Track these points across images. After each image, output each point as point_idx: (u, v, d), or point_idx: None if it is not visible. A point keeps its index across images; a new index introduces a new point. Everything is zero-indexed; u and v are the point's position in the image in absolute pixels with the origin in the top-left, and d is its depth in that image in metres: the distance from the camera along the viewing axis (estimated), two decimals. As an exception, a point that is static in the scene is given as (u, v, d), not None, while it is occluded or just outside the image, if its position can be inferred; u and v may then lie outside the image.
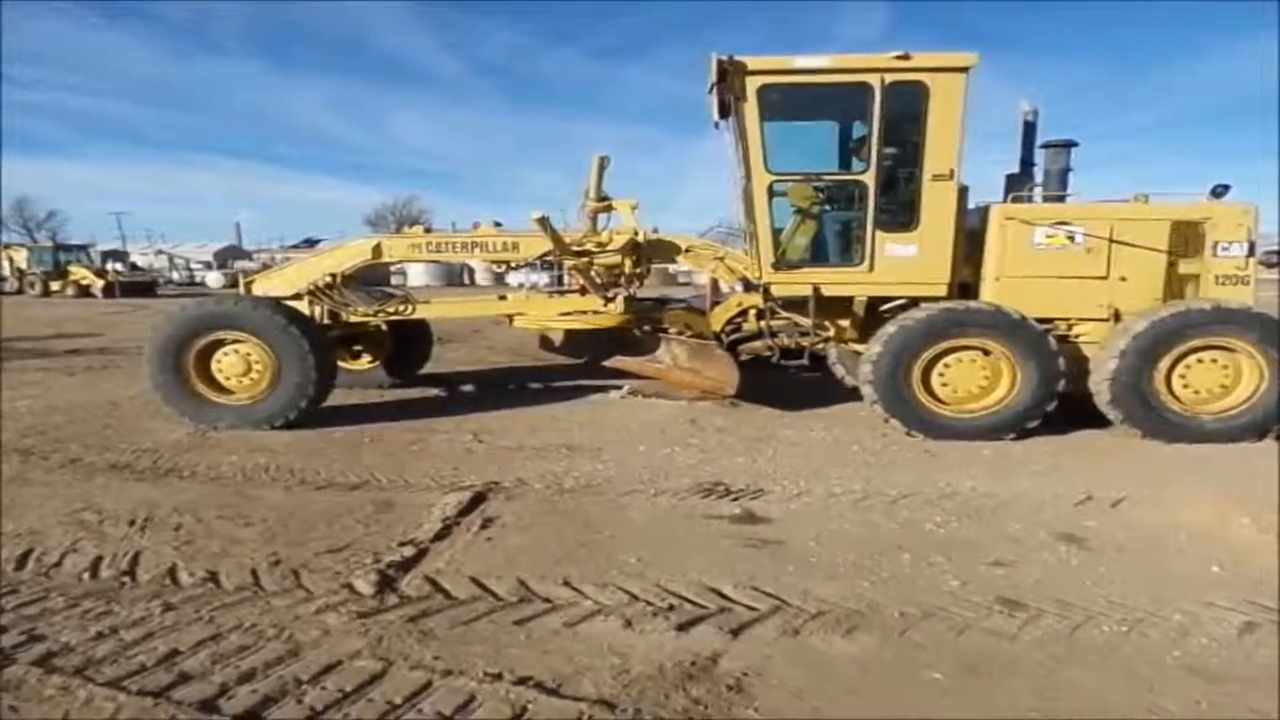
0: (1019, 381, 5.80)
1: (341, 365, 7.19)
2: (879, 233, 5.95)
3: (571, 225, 7.29)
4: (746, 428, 6.33)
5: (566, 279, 9.01)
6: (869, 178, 5.85)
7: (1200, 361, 5.69)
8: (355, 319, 6.98)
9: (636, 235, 6.77)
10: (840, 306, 6.55)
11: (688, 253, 7.16)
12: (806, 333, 6.60)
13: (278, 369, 6.15)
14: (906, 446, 5.73)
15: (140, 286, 31.72)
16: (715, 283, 8.45)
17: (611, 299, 6.78)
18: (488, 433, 6.21)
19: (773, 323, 6.87)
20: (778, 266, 6.22)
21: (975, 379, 5.92)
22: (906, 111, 5.72)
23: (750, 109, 5.81)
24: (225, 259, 61.45)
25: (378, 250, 6.96)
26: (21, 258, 34.13)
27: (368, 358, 8.06)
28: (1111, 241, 5.87)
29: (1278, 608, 3.08)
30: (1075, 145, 6.53)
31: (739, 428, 6.33)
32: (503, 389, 8.33)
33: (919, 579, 3.40)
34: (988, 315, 5.83)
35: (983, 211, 6.13)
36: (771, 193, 6.02)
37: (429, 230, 7.28)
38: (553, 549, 3.74)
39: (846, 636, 2.89)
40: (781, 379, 7.68)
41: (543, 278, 18.93)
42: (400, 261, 7.70)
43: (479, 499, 4.47)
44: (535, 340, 7.84)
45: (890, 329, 5.92)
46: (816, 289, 6.20)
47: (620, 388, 7.72)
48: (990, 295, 6.02)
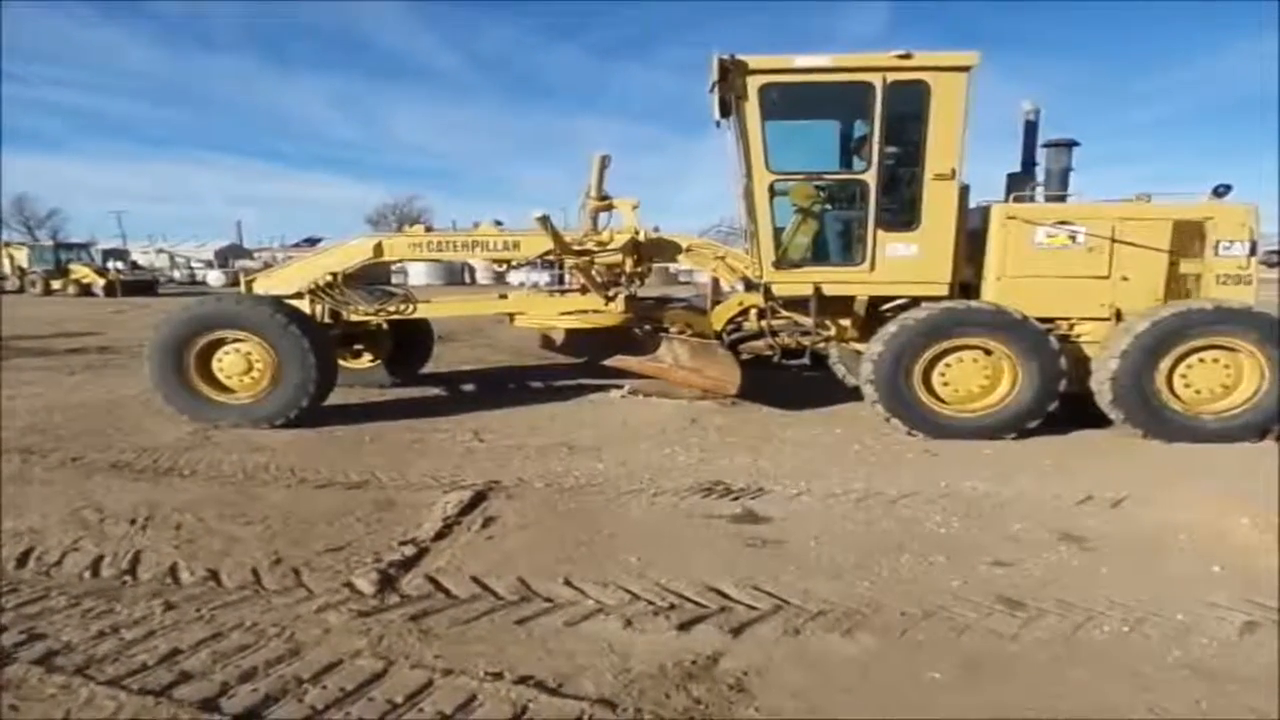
0: (1020, 381, 5.80)
1: (342, 364, 7.19)
2: (880, 232, 5.94)
3: (572, 224, 7.30)
4: (747, 427, 6.33)
5: (567, 278, 9.00)
6: (870, 177, 5.85)
7: (1202, 361, 5.69)
8: (356, 318, 6.98)
9: (637, 234, 6.75)
10: (841, 306, 6.54)
11: (689, 252, 7.15)
12: (808, 332, 6.60)
13: (279, 368, 6.15)
14: (907, 446, 5.73)
15: (141, 285, 31.64)
16: (716, 282, 8.42)
17: (612, 298, 6.78)
18: (489, 432, 6.21)
19: (774, 322, 6.86)
20: (779, 266, 6.22)
21: (976, 378, 5.92)
22: (908, 111, 5.72)
23: (752, 108, 5.81)
24: (226, 258, 61.33)
25: (379, 249, 6.96)
26: (22, 256, 34.10)
27: (368, 357, 8.07)
28: (1113, 241, 5.87)
29: (1278, 608, 3.08)
30: (1077, 145, 6.53)
31: (740, 427, 6.33)
32: (503, 388, 8.34)
33: (920, 578, 3.40)
34: (989, 315, 5.83)
35: (984, 211, 6.13)
36: (773, 192, 6.02)
37: (430, 229, 7.27)
38: (553, 548, 3.74)
39: (847, 636, 2.89)
40: (782, 378, 7.68)
41: (543, 277, 18.94)
42: (401, 260, 7.69)
43: (480, 498, 4.47)
44: (536, 339, 7.84)
45: (891, 328, 5.92)
46: (818, 288, 6.20)
47: (621, 387, 7.73)
48: (991, 295, 6.02)
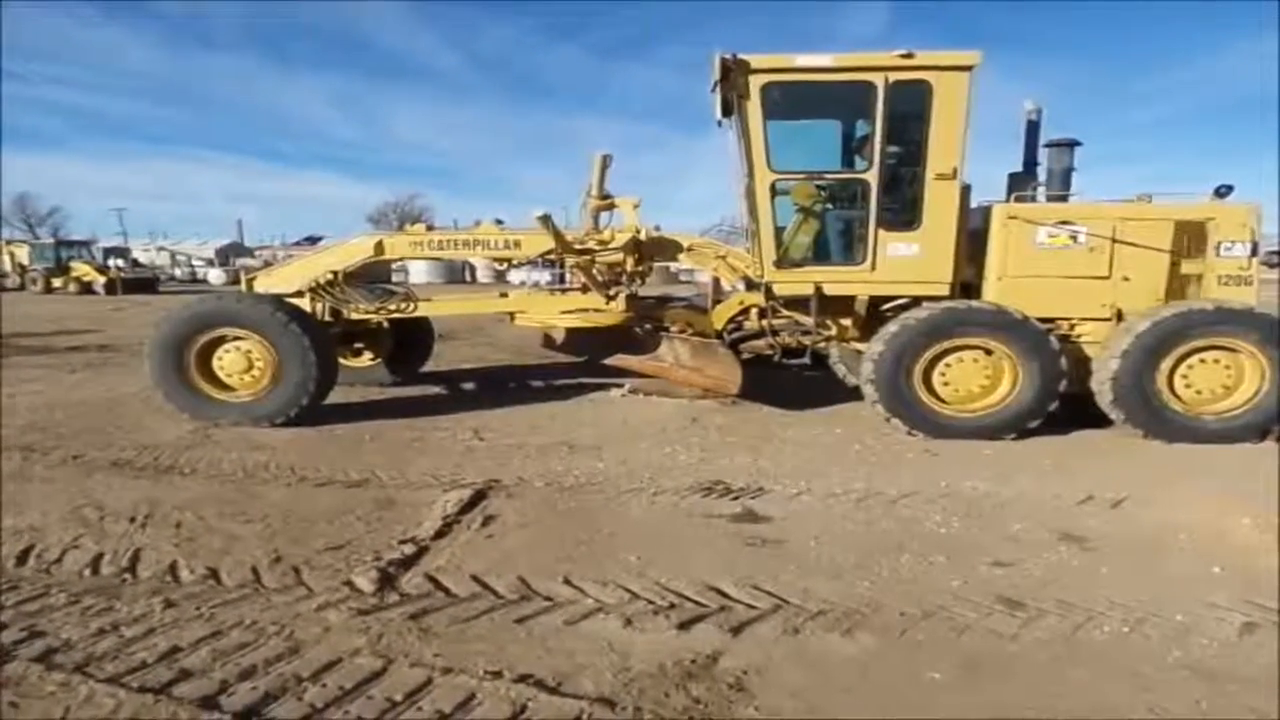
0: (1020, 381, 5.79)
1: (343, 362, 7.19)
2: (881, 232, 5.94)
3: (573, 223, 7.30)
4: (748, 426, 6.33)
5: (568, 277, 9.00)
6: (872, 177, 5.84)
7: (1202, 362, 5.68)
8: (357, 316, 6.98)
9: (638, 233, 6.75)
10: (842, 305, 6.53)
11: (690, 251, 7.15)
12: (808, 331, 6.60)
13: (279, 366, 6.15)
14: (908, 446, 5.73)
15: (142, 283, 31.63)
16: (717, 281, 8.42)
17: (613, 297, 6.77)
18: (489, 430, 6.21)
19: (774, 321, 6.85)
20: (780, 265, 6.21)
21: (977, 378, 5.92)
22: (909, 110, 5.71)
23: (753, 107, 5.80)
24: (227, 256, 61.30)
25: (379, 248, 6.96)
26: (23, 254, 34.14)
27: (369, 355, 8.07)
28: (1114, 241, 5.86)
29: (1278, 608, 3.08)
30: (1078, 144, 6.51)
31: (740, 426, 6.33)
32: (504, 387, 8.33)
33: (919, 578, 3.40)
34: (990, 315, 5.82)
35: (985, 211, 6.12)
36: (774, 191, 6.01)
37: (430, 228, 7.27)
38: (553, 547, 3.74)
39: (847, 636, 2.89)
40: (783, 378, 7.68)
41: (544, 275, 18.91)
42: (402, 259, 7.69)
43: (480, 497, 4.47)
44: (537, 338, 7.85)
45: (892, 328, 5.91)
46: (818, 288, 6.19)
47: (622, 386, 7.72)
48: (992, 295, 6.01)
